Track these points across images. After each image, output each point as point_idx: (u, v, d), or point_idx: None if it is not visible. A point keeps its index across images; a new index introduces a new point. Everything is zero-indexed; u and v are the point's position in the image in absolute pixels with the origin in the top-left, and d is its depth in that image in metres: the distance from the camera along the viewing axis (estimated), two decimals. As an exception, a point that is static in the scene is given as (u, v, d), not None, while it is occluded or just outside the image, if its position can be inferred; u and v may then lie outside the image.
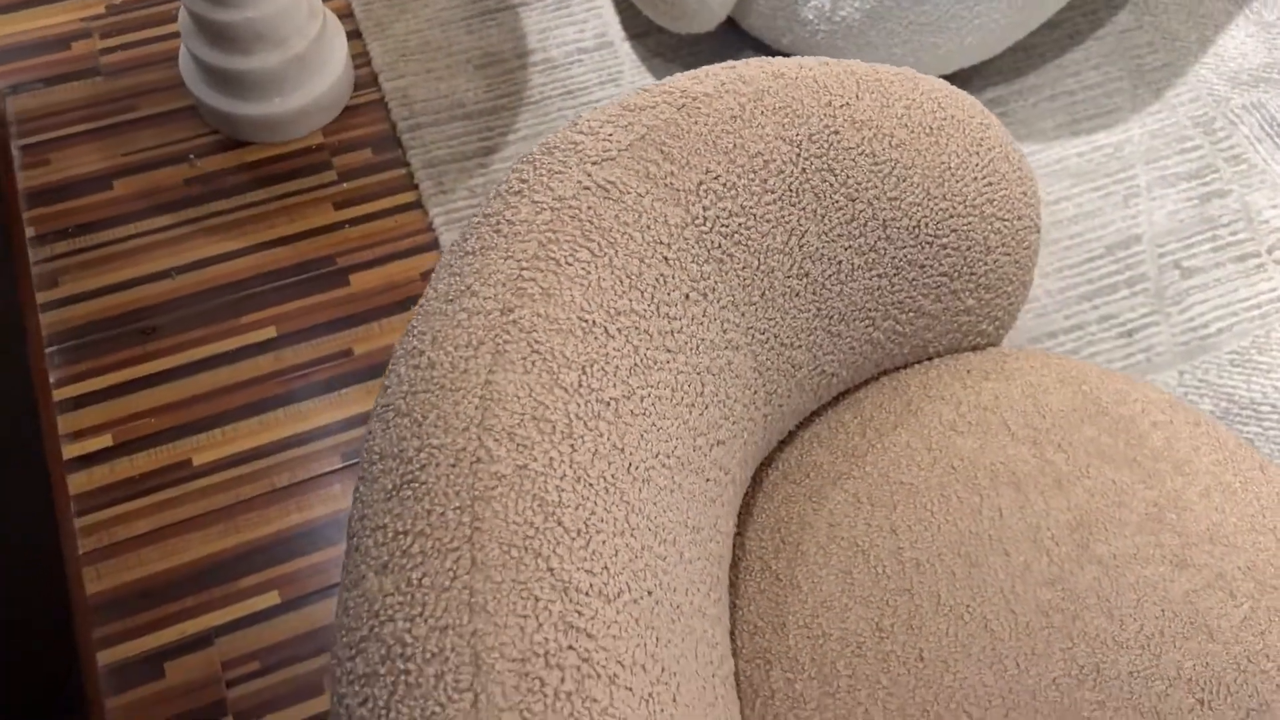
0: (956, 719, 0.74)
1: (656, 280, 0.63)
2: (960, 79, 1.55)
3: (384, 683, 0.50)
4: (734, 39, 1.58)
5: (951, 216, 0.79)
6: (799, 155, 0.70)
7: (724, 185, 0.67)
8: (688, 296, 0.65)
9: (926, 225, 0.78)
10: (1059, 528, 0.81)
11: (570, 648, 0.50)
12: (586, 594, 0.52)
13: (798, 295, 0.74)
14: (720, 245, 0.67)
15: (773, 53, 1.53)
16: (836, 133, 0.72)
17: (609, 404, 0.58)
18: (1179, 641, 0.77)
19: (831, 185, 0.72)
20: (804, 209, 0.71)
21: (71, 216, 1.39)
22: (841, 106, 0.73)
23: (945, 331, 0.88)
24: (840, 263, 0.75)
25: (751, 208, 0.68)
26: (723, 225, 0.67)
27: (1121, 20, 1.64)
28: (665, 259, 0.63)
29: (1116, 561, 0.80)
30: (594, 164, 0.64)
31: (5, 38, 1.53)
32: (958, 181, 0.78)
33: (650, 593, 0.57)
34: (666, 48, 1.57)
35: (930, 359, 0.92)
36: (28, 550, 1.12)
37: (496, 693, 0.48)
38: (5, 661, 0.98)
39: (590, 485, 0.55)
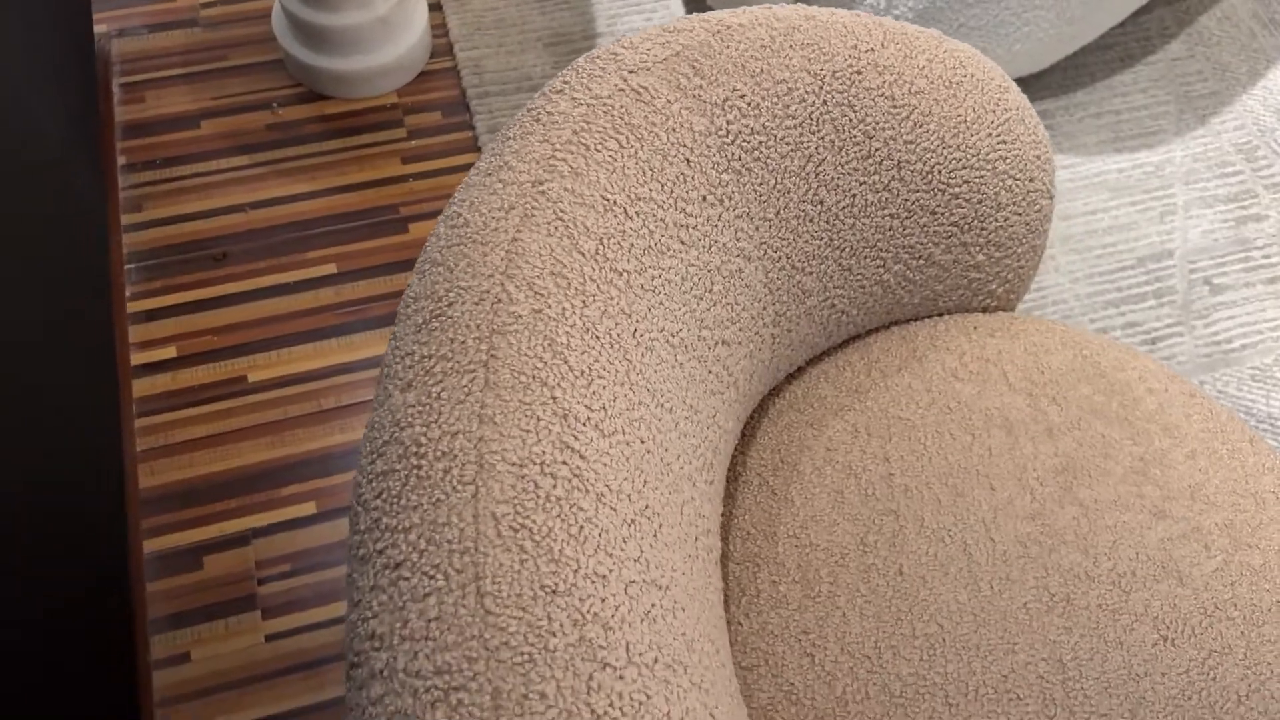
0: (927, 628, 0.79)
1: (677, 177, 0.69)
2: (1009, 90, 1.60)
3: (398, 477, 0.57)
4: (794, 37, 1.65)
5: (964, 168, 0.85)
6: (821, 88, 0.77)
7: (748, 104, 0.73)
8: (705, 198, 0.71)
9: (940, 172, 0.83)
10: (1045, 470, 0.86)
11: (564, 463, 0.57)
12: (584, 424, 0.59)
13: (811, 221, 0.80)
14: (740, 158, 0.73)
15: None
16: (859, 73, 0.78)
17: (621, 274, 0.65)
18: (1149, 583, 0.81)
19: (850, 120, 0.79)
20: (822, 138, 0.77)
21: (160, 150, 1.50)
22: (867, 51, 0.79)
23: (955, 286, 0.94)
24: (854, 196, 0.81)
25: (772, 129, 0.75)
26: (744, 141, 0.73)
27: (1174, 49, 1.68)
28: (687, 160, 0.70)
29: (1097, 506, 0.84)
30: (630, 72, 0.70)
31: (116, -14, 1.65)
32: (972, 135, 0.84)
33: (643, 441, 0.63)
34: (728, 40, 1.64)
35: (940, 315, 0.97)
36: (93, 444, 1.21)
37: (495, 488, 0.55)
38: (65, 543, 1.06)
39: (597, 338, 0.62)
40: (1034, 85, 1.62)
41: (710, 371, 0.74)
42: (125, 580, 1.18)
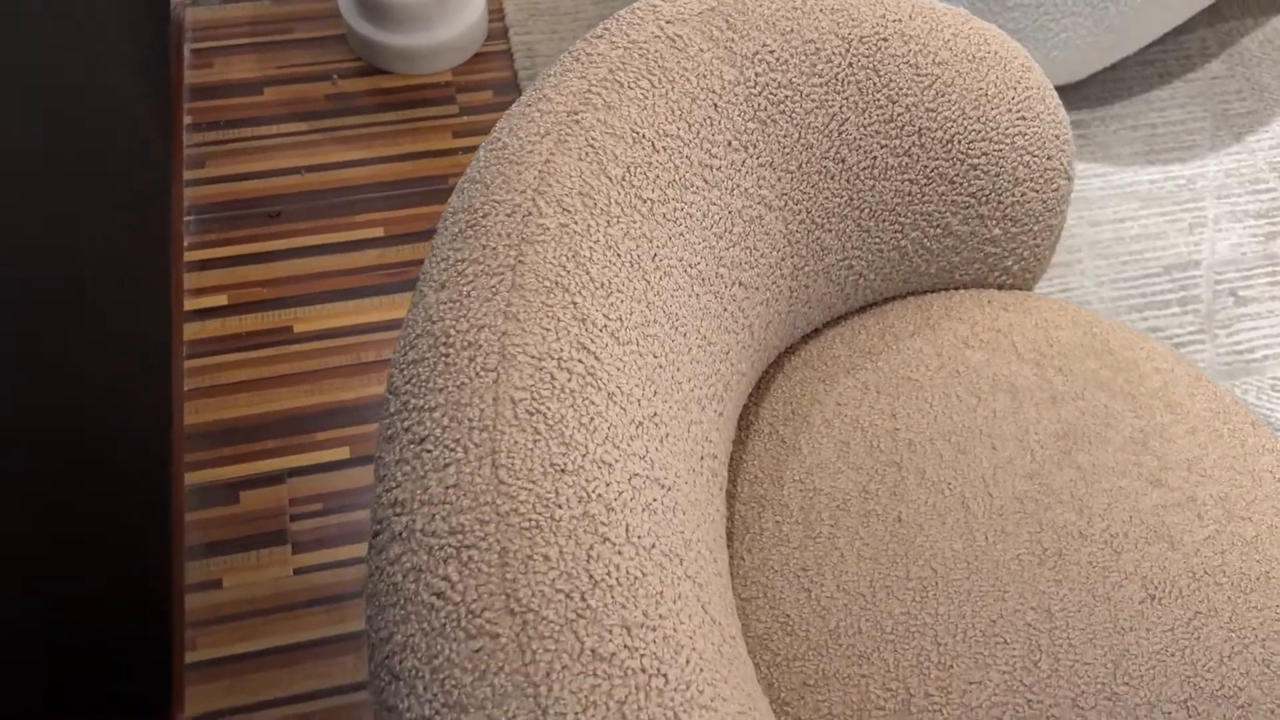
0: (921, 572, 0.82)
1: (704, 120, 0.74)
2: (1047, 99, 1.63)
3: (427, 364, 0.61)
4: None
5: (984, 140, 0.88)
6: (848, 50, 0.81)
7: (777, 59, 0.78)
8: (730, 143, 0.76)
9: (959, 141, 0.87)
10: (1046, 434, 0.89)
11: (579, 361, 0.61)
12: (600, 330, 0.63)
13: (833, 178, 0.84)
14: (766, 109, 0.78)
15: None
16: (885, 40, 0.83)
17: (645, 201, 0.69)
18: (1141, 545, 0.84)
19: (875, 84, 0.83)
20: (847, 98, 0.82)
21: (224, 112, 1.57)
22: (894, 20, 0.84)
23: (971, 260, 0.97)
24: (875, 158, 0.85)
25: (799, 84, 0.79)
26: (771, 93, 0.78)
27: (1213, 68, 1.70)
28: (715, 105, 0.75)
29: (1095, 470, 0.87)
30: (667, 21, 0.75)
31: (193, -42, 1.73)
32: (993, 108, 0.88)
33: (655, 356, 0.67)
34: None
35: (956, 289, 1.01)
36: (145, 381, 1.27)
37: (515, 376, 0.59)
38: (118, 471, 1.12)
39: (618, 256, 0.66)
40: (1072, 95, 1.65)
41: (726, 309, 0.78)
42: (167, 510, 1.24)
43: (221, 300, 1.40)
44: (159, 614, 1.15)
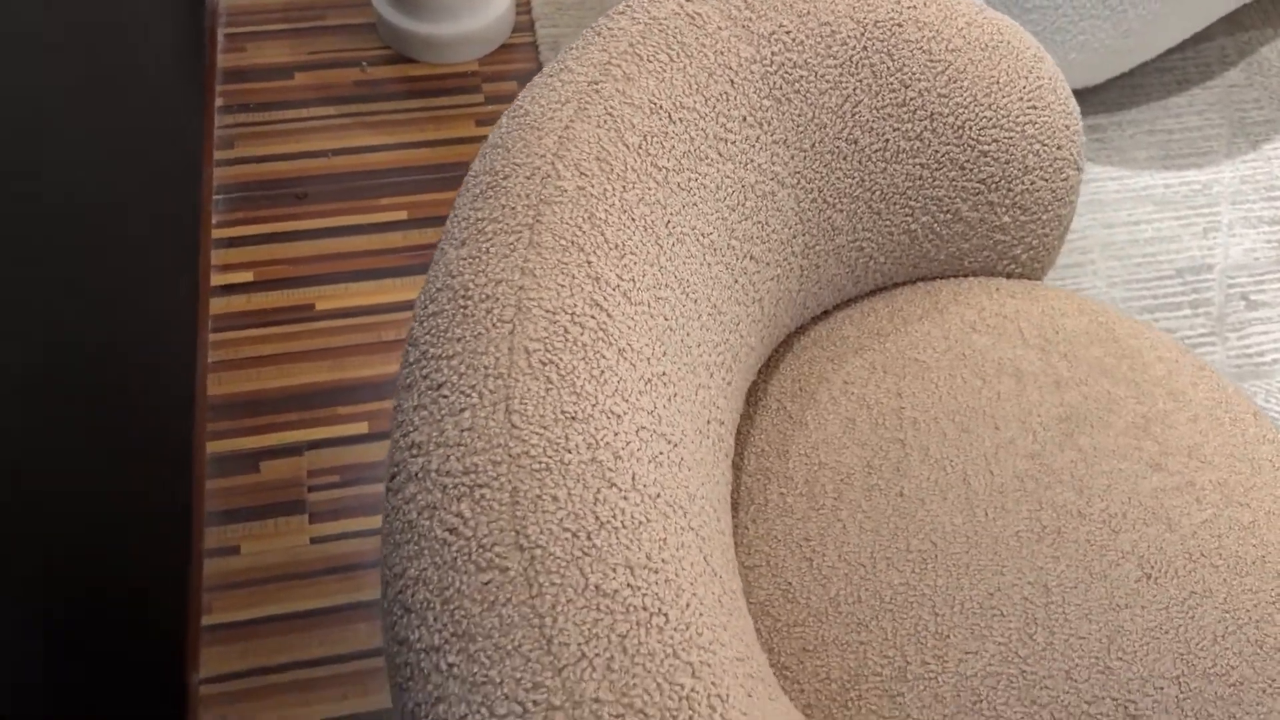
0: (921, 545, 0.84)
1: (720, 95, 0.76)
2: (1065, 102, 1.65)
3: (446, 315, 0.64)
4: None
5: (994, 126, 0.90)
6: (863, 34, 0.83)
7: (793, 39, 0.80)
8: (745, 119, 0.78)
9: (970, 127, 0.90)
10: (1049, 417, 0.91)
11: (592, 317, 0.64)
12: (613, 289, 0.65)
13: (845, 158, 0.86)
14: (781, 88, 0.80)
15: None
16: (900, 25, 0.85)
17: (660, 170, 0.72)
18: (1139, 526, 0.86)
19: (889, 68, 0.85)
20: (860, 80, 0.84)
21: (254, 95, 1.60)
22: (909, 7, 0.86)
23: (980, 247, 0.99)
24: (887, 140, 0.87)
25: (814, 65, 0.81)
26: (786, 72, 0.80)
27: (1232, 76, 1.72)
28: (731, 81, 0.77)
29: (1096, 453, 0.89)
30: (687, 0, 0.78)
31: (229, -54, 1.77)
32: (1004, 96, 0.90)
33: (666, 318, 0.69)
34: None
35: (965, 276, 1.03)
36: (171, 352, 1.31)
37: (530, 328, 0.62)
38: (145, 435, 1.15)
39: (632, 220, 0.69)
40: (1090, 100, 1.67)
41: (736, 281, 0.80)
42: (189, 477, 1.27)
43: (247, 277, 1.43)
44: (179, 578, 1.18)
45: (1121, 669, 0.80)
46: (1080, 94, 1.67)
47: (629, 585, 0.56)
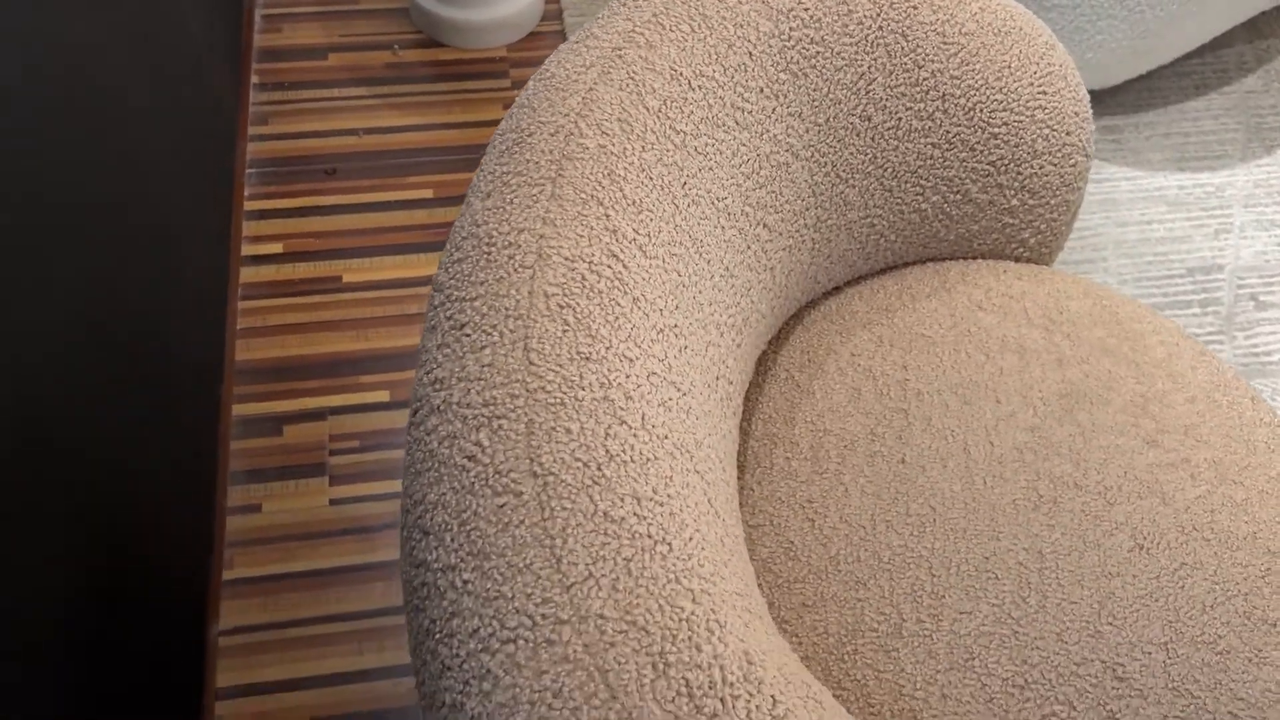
0: (920, 509, 0.87)
1: (738, 66, 0.80)
2: (1082, 103, 1.68)
3: (470, 261, 0.67)
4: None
5: (1005, 110, 0.93)
6: (879, 14, 0.86)
7: (810, 16, 0.83)
8: (762, 90, 0.81)
9: (981, 109, 0.92)
10: (1050, 392, 0.93)
11: (608, 266, 0.67)
12: (629, 242, 0.69)
13: (858, 134, 0.89)
14: (797, 62, 0.83)
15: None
16: (915, 7, 0.88)
17: (679, 133, 0.75)
18: (1133, 499, 0.88)
19: (903, 48, 0.88)
20: (875, 59, 0.87)
21: (289, 74, 1.65)
22: (923, -9, 0.89)
23: (989, 229, 1.02)
24: (900, 119, 0.90)
25: (830, 42, 0.85)
26: (803, 48, 0.84)
27: (1249, 83, 1.74)
28: (750, 53, 0.80)
29: (1094, 428, 0.92)
30: (710, -25, 0.81)
31: (269, -70, 1.81)
32: (1015, 80, 0.93)
33: (679, 274, 0.73)
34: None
35: (974, 259, 1.06)
36: (203, 317, 1.35)
37: (549, 274, 0.65)
38: (175, 396, 1.19)
39: (650, 178, 0.72)
40: (1107, 101, 1.69)
41: (749, 247, 0.83)
42: (214, 438, 1.31)
43: (277, 248, 1.48)
44: (203, 532, 1.22)
45: (1111, 633, 0.83)
46: (1098, 95, 1.69)
47: (635, 514, 0.59)
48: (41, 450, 0.85)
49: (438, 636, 0.59)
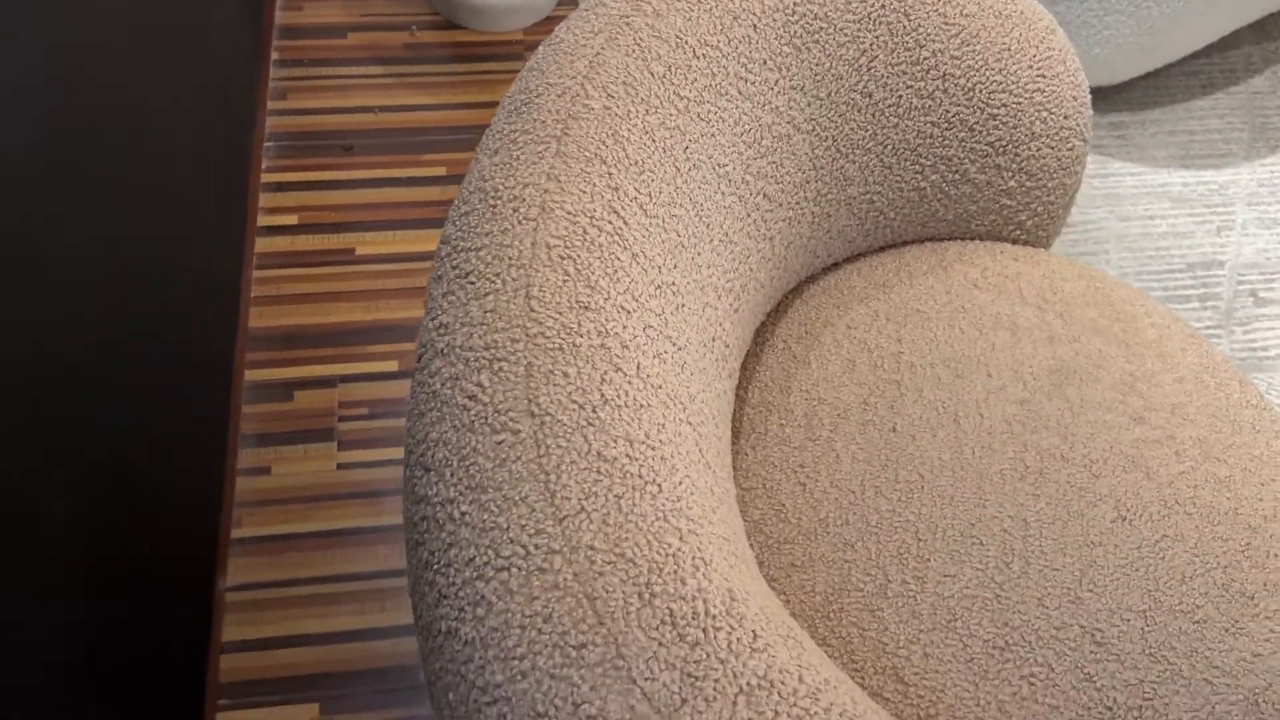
0: (909, 476, 0.89)
1: (743, 37, 0.82)
2: (1089, 99, 1.69)
3: (476, 213, 0.70)
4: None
5: (1004, 91, 0.96)
6: (880, -6, 0.89)
7: (813, -7, 0.86)
8: (765, 62, 0.84)
9: (980, 90, 0.95)
10: (1040, 368, 0.96)
11: (609, 222, 0.69)
12: (630, 200, 0.71)
13: (859, 110, 0.92)
14: (800, 36, 0.86)
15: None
16: (916, -11, 0.90)
17: (682, 99, 0.77)
18: (1118, 472, 0.91)
19: (905, 27, 0.90)
20: (877, 37, 0.89)
21: (309, 51, 1.68)
22: (926, -28, 0.91)
23: (987, 210, 1.04)
24: (900, 97, 0.93)
25: (833, 18, 0.87)
26: (807, 23, 0.86)
27: (1256, 83, 1.75)
28: (754, 26, 0.83)
29: (1082, 404, 0.94)
30: (717, -50, 0.84)
31: (292, -89, 1.85)
32: (1014, 62, 0.95)
33: (678, 235, 0.75)
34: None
35: (972, 240, 1.08)
36: (219, 286, 1.38)
37: (552, 227, 0.68)
38: (190, 358, 1.22)
39: (653, 140, 0.75)
40: (1113, 98, 1.71)
41: (749, 215, 0.86)
42: (226, 402, 1.34)
43: (292, 220, 1.51)
44: (212, 491, 1.25)
45: (1091, 600, 0.85)
46: (1105, 91, 1.71)
47: (628, 455, 0.62)
48: (65, 413, 0.88)
49: (435, 567, 0.62)
